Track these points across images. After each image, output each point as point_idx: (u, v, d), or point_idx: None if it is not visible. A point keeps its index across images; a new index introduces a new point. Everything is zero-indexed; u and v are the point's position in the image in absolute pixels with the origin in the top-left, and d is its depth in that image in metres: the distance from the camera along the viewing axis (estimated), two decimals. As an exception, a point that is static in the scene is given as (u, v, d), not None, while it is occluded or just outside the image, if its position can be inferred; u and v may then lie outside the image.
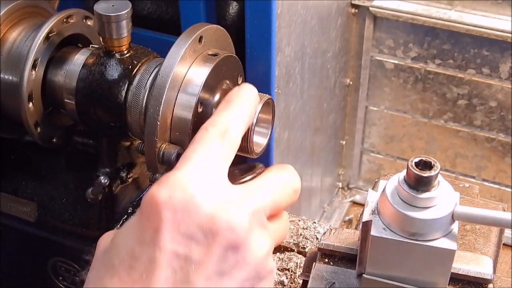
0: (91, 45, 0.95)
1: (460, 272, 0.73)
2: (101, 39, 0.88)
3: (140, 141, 0.90)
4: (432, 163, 0.65)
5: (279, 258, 0.91)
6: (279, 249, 0.92)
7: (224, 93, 0.86)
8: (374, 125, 1.94)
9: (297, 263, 0.91)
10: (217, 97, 0.86)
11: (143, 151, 0.87)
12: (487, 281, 0.73)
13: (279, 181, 0.75)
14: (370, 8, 1.69)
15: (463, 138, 1.84)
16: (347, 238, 0.78)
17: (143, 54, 0.90)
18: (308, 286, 0.76)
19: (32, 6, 0.97)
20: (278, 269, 0.90)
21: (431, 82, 1.77)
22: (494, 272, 0.75)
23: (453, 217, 0.66)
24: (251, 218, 0.67)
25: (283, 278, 0.90)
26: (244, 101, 0.77)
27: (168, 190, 0.65)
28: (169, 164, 0.83)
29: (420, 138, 1.90)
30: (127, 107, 0.87)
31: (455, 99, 1.77)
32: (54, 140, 0.96)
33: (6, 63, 0.92)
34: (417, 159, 0.65)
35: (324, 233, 0.80)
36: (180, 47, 0.82)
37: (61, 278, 1.06)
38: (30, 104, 0.90)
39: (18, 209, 1.01)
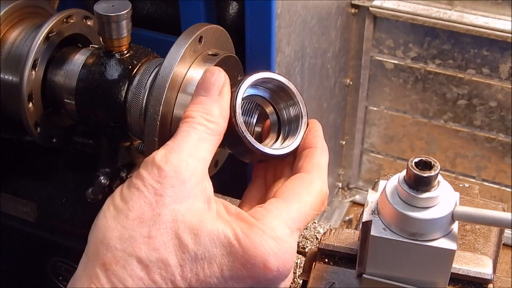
0: (91, 45, 0.95)
1: (460, 272, 0.73)
2: (101, 39, 0.88)
3: (140, 141, 0.90)
4: (432, 163, 0.65)
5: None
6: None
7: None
8: (374, 125, 1.94)
9: (297, 263, 0.91)
10: (217, 97, 0.86)
11: (143, 151, 0.87)
12: (487, 281, 0.73)
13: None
14: (370, 8, 1.69)
15: (463, 138, 1.84)
16: (347, 238, 0.78)
17: (143, 54, 0.90)
18: (308, 286, 0.76)
19: (32, 6, 0.97)
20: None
21: (431, 82, 1.77)
22: (494, 272, 0.75)
23: (453, 217, 0.66)
24: None
25: (283, 278, 0.89)
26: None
27: None
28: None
29: (420, 138, 1.90)
30: (127, 107, 0.87)
31: (455, 99, 1.78)
32: (54, 140, 0.96)
33: (6, 63, 0.92)
34: (417, 159, 0.65)
35: (324, 233, 0.80)
36: (180, 47, 0.82)
37: (61, 278, 1.06)
38: (30, 104, 0.90)
39: (18, 209, 1.01)
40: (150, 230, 0.65)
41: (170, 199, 0.66)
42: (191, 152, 0.69)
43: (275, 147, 0.80)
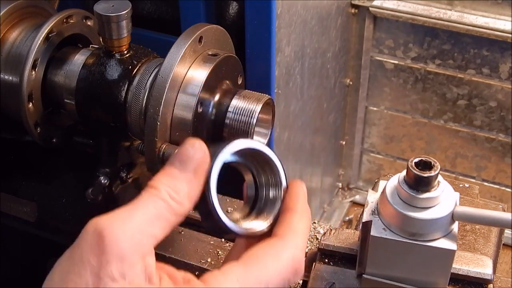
0: (91, 45, 0.95)
1: (460, 272, 0.73)
2: (101, 39, 0.88)
3: (140, 141, 0.90)
4: (432, 163, 0.65)
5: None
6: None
7: (224, 93, 0.86)
8: (374, 125, 1.94)
9: (297, 263, 0.91)
10: (217, 97, 0.86)
11: (143, 151, 0.87)
12: (487, 281, 0.73)
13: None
14: (370, 8, 1.69)
15: (463, 138, 1.84)
16: (347, 239, 0.78)
17: (143, 54, 0.90)
18: (308, 286, 0.76)
19: (32, 6, 0.97)
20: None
21: (431, 82, 1.77)
22: (494, 272, 0.75)
23: (453, 217, 0.66)
24: None
25: (283, 278, 0.89)
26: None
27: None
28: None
29: (420, 138, 1.90)
30: (127, 107, 0.87)
31: (455, 99, 1.77)
32: (54, 140, 0.96)
33: (6, 63, 0.92)
34: (417, 159, 0.65)
35: (324, 233, 0.80)
36: (180, 47, 0.82)
37: (61, 278, 1.06)
38: (30, 104, 0.90)
39: (18, 209, 1.01)
40: None
41: (106, 278, 0.60)
42: (142, 225, 0.62)
43: (246, 226, 0.71)
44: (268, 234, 0.70)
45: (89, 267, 0.60)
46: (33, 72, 0.89)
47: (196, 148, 0.67)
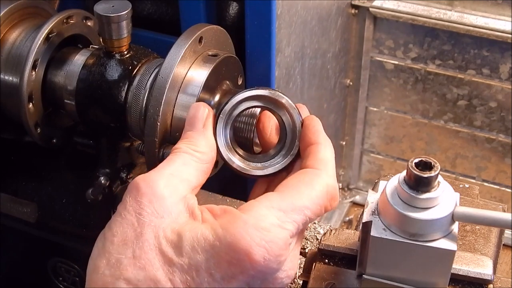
0: (91, 46, 0.95)
1: (460, 273, 0.73)
2: (101, 40, 0.88)
3: (140, 142, 0.90)
4: (432, 164, 0.65)
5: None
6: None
7: (224, 93, 0.86)
8: (374, 126, 1.94)
9: (297, 263, 0.91)
10: (217, 97, 0.86)
11: (143, 152, 0.87)
12: (487, 282, 0.73)
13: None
14: (370, 9, 1.69)
15: (463, 139, 1.84)
16: (347, 239, 0.78)
17: (143, 54, 0.90)
18: (308, 286, 0.76)
19: (32, 7, 0.97)
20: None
21: (431, 82, 1.77)
22: (494, 272, 0.75)
23: (453, 217, 0.66)
24: None
25: (283, 278, 0.89)
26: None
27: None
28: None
29: (420, 138, 1.90)
30: (127, 108, 0.87)
31: (455, 100, 1.77)
32: (54, 140, 0.96)
33: (6, 63, 0.92)
34: (417, 160, 0.65)
35: (324, 233, 0.80)
36: (180, 48, 0.82)
37: (61, 278, 1.06)
38: (30, 105, 0.90)
39: (18, 210, 1.01)
40: (134, 250, 0.65)
41: (150, 216, 0.66)
42: (173, 172, 0.70)
43: (266, 164, 0.78)
44: (284, 171, 0.76)
45: (132, 210, 0.67)
46: (33, 72, 0.89)
47: (199, 108, 0.76)
